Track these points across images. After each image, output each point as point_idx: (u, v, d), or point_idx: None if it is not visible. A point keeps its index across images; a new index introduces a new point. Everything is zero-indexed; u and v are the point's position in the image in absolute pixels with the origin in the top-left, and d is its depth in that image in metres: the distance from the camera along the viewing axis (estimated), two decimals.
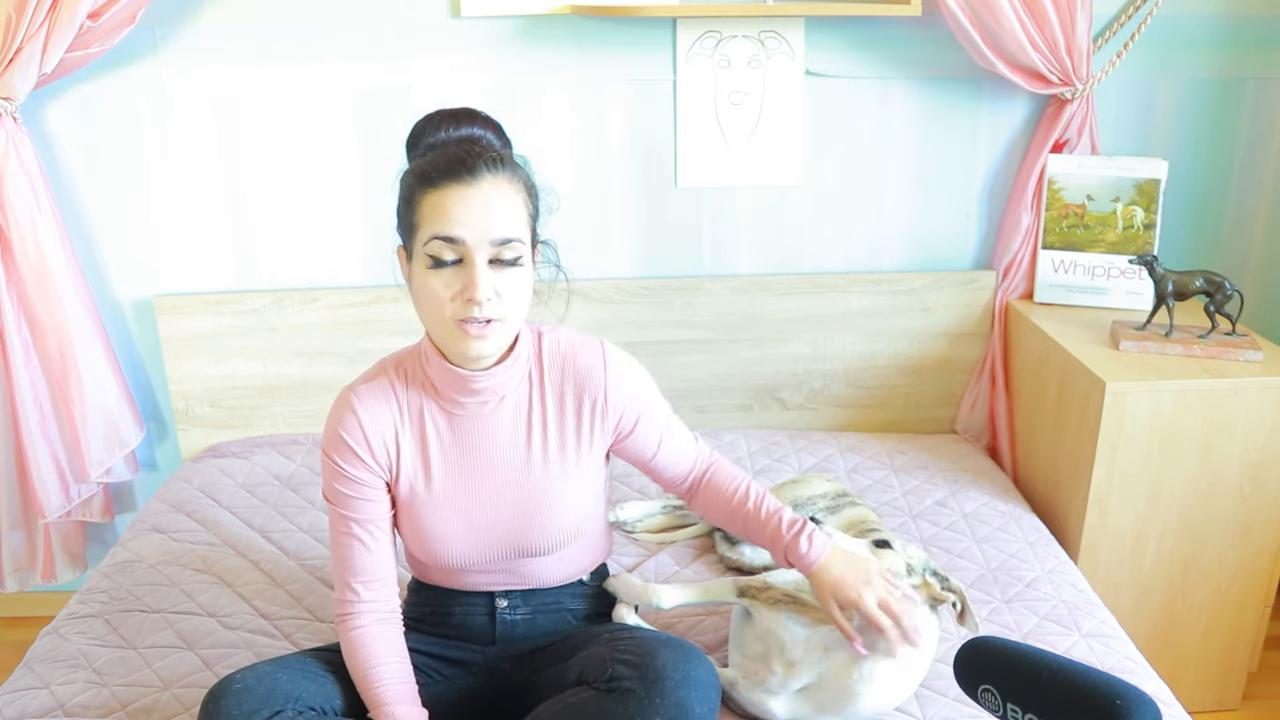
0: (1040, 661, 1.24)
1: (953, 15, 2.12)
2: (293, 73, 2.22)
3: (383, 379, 1.42)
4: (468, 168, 1.28)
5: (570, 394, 1.44)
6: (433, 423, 1.42)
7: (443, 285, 1.28)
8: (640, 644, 1.32)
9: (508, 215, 1.29)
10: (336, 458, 1.39)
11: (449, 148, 1.31)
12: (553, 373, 1.44)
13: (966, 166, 2.37)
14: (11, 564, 2.35)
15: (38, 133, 2.20)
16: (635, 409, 1.46)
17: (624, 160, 2.32)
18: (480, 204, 1.27)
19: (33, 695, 1.58)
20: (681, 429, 1.54)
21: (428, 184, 1.29)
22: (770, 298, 2.37)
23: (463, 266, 1.28)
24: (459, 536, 1.43)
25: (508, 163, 1.32)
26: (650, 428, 1.49)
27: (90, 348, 2.22)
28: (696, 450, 1.55)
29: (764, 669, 1.49)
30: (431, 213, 1.28)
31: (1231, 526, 2.04)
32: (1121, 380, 1.93)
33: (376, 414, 1.40)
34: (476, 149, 1.30)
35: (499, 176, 1.30)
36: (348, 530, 1.40)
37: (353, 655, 1.38)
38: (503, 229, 1.28)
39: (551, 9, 2.18)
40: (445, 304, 1.29)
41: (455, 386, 1.38)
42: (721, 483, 1.53)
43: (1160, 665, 2.12)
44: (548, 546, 1.45)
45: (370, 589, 1.41)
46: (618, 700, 1.26)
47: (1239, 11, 2.27)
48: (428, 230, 1.28)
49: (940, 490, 2.18)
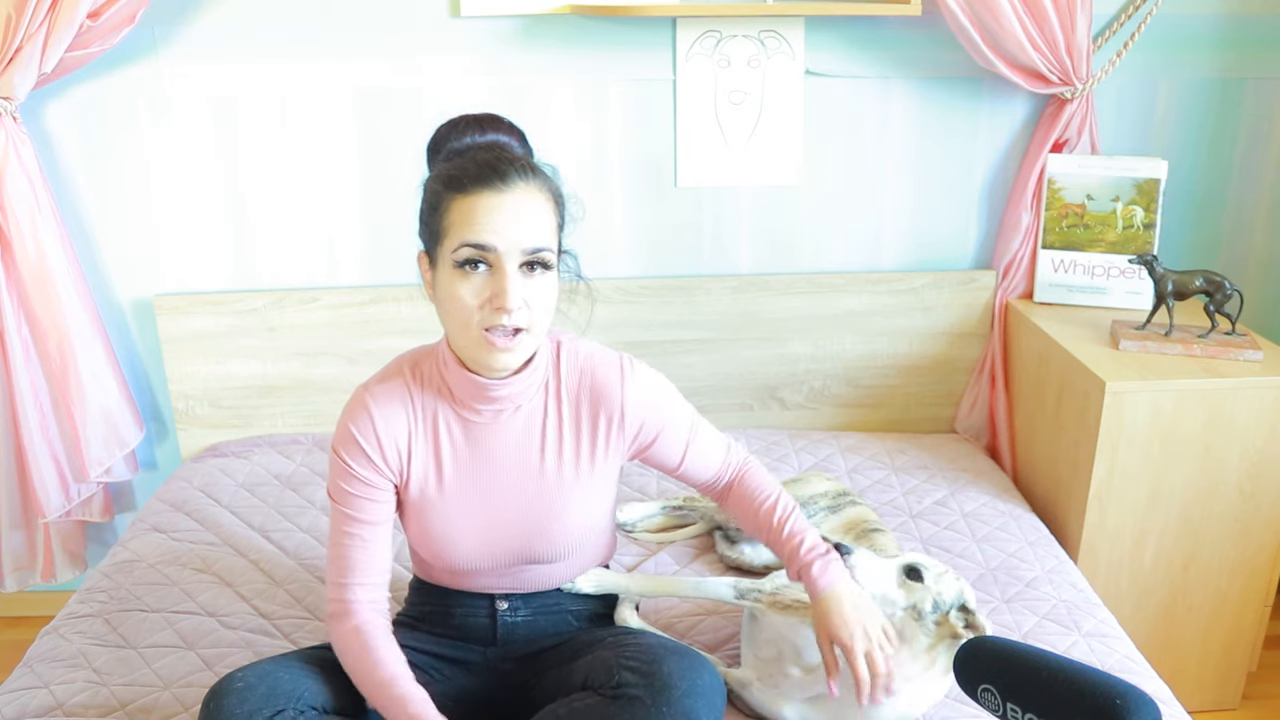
0: (1040, 661, 1.24)
1: (953, 15, 2.12)
2: (292, 72, 2.22)
3: (398, 380, 1.41)
4: (500, 174, 1.27)
5: (586, 405, 1.43)
6: (446, 427, 1.41)
7: (472, 293, 1.27)
8: (647, 651, 1.31)
9: (539, 224, 1.28)
10: (346, 457, 1.39)
11: (478, 154, 1.30)
12: (570, 383, 1.43)
13: (966, 166, 2.37)
14: (11, 564, 2.35)
15: (38, 133, 2.20)
16: (655, 423, 1.45)
17: (624, 160, 2.32)
18: (512, 212, 1.26)
19: (33, 695, 1.57)
20: (709, 434, 1.52)
21: (458, 189, 1.27)
22: (770, 297, 2.37)
23: (493, 274, 1.27)
24: (467, 540, 1.43)
25: (538, 171, 1.31)
26: (673, 440, 1.48)
27: (90, 348, 2.22)
28: (727, 455, 1.53)
29: (779, 672, 1.48)
30: (462, 219, 1.26)
31: (1231, 526, 2.04)
32: (1121, 380, 1.93)
33: (391, 416, 1.39)
34: (508, 155, 1.29)
35: (530, 185, 1.28)
36: (349, 529, 1.40)
37: (352, 651, 1.37)
38: (534, 238, 1.27)
39: (551, 9, 2.18)
40: (473, 311, 1.27)
41: (473, 394, 1.38)
42: (750, 493, 1.51)
43: (1160, 665, 2.12)
44: (555, 554, 1.45)
45: (367, 588, 1.40)
46: (624, 707, 1.26)
47: (1239, 11, 2.27)
48: (457, 237, 1.26)
49: (940, 490, 2.18)
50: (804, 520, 1.47)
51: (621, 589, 1.57)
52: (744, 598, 1.56)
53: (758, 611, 1.54)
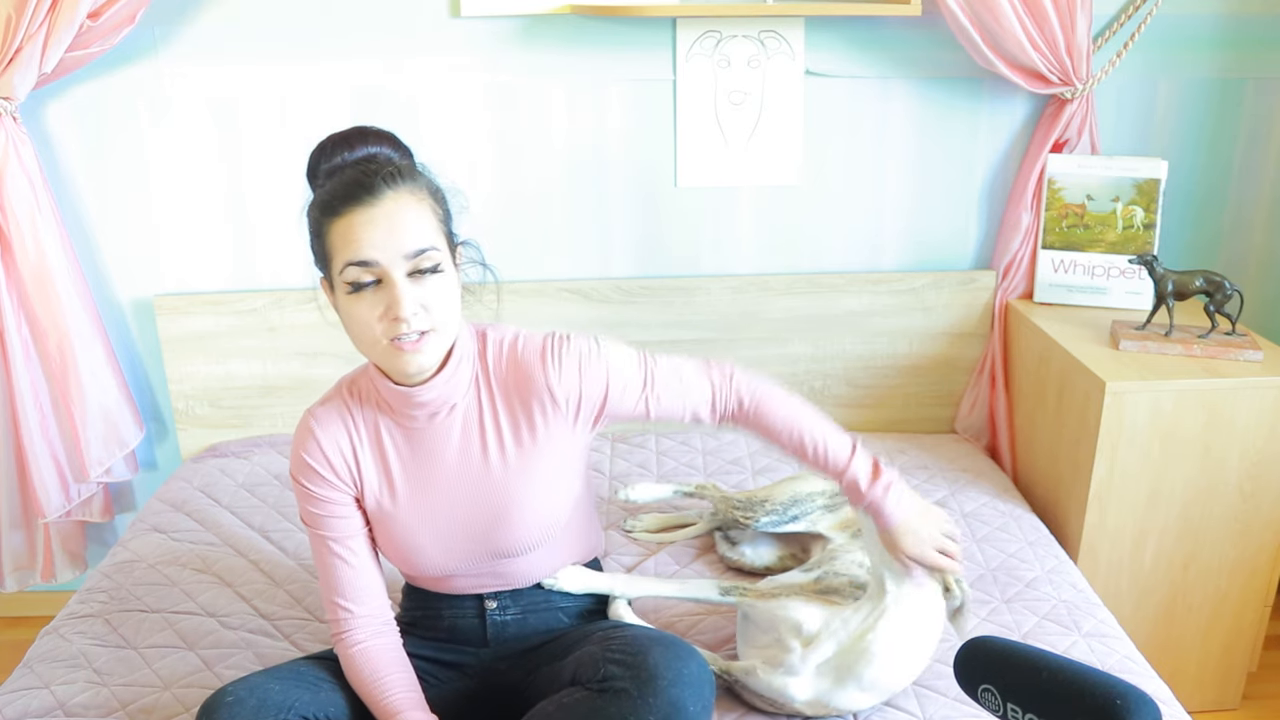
0: (1040, 661, 1.24)
1: (953, 15, 2.12)
2: (292, 72, 2.22)
3: (337, 400, 1.44)
4: (366, 188, 1.27)
5: (516, 393, 1.42)
6: (390, 438, 1.42)
7: (367, 309, 1.28)
8: (632, 643, 1.31)
9: (416, 226, 1.28)
10: (304, 480, 1.41)
11: (345, 172, 1.30)
12: (498, 373, 1.43)
13: (966, 166, 2.37)
14: (11, 564, 2.35)
15: (38, 133, 2.20)
16: (595, 392, 1.42)
17: (624, 160, 2.32)
18: (385, 222, 1.26)
19: (33, 695, 1.58)
20: (676, 372, 1.46)
21: (331, 213, 1.28)
22: (770, 298, 2.37)
23: (382, 287, 1.27)
24: (430, 546, 1.43)
25: (406, 174, 1.30)
26: (625, 397, 1.43)
27: (90, 348, 2.22)
28: (711, 379, 1.46)
29: (780, 651, 1.49)
30: (341, 240, 1.27)
31: (1231, 526, 2.04)
32: (1121, 380, 1.93)
33: (334, 435, 1.41)
34: (372, 167, 1.29)
35: (400, 190, 1.28)
36: (328, 550, 1.42)
37: (356, 672, 1.39)
38: (414, 241, 1.27)
39: (551, 9, 2.18)
40: (374, 325, 1.28)
41: (402, 402, 1.39)
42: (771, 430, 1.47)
43: (1160, 665, 2.12)
44: (523, 546, 1.45)
45: (361, 604, 1.41)
46: (611, 700, 1.26)
47: (1239, 11, 2.27)
48: (341, 258, 1.27)
49: (940, 490, 2.18)
50: (835, 438, 1.46)
51: (605, 588, 1.57)
52: (728, 595, 1.57)
53: (746, 607, 1.55)
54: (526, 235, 2.37)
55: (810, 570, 1.67)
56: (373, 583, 1.43)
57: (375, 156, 1.33)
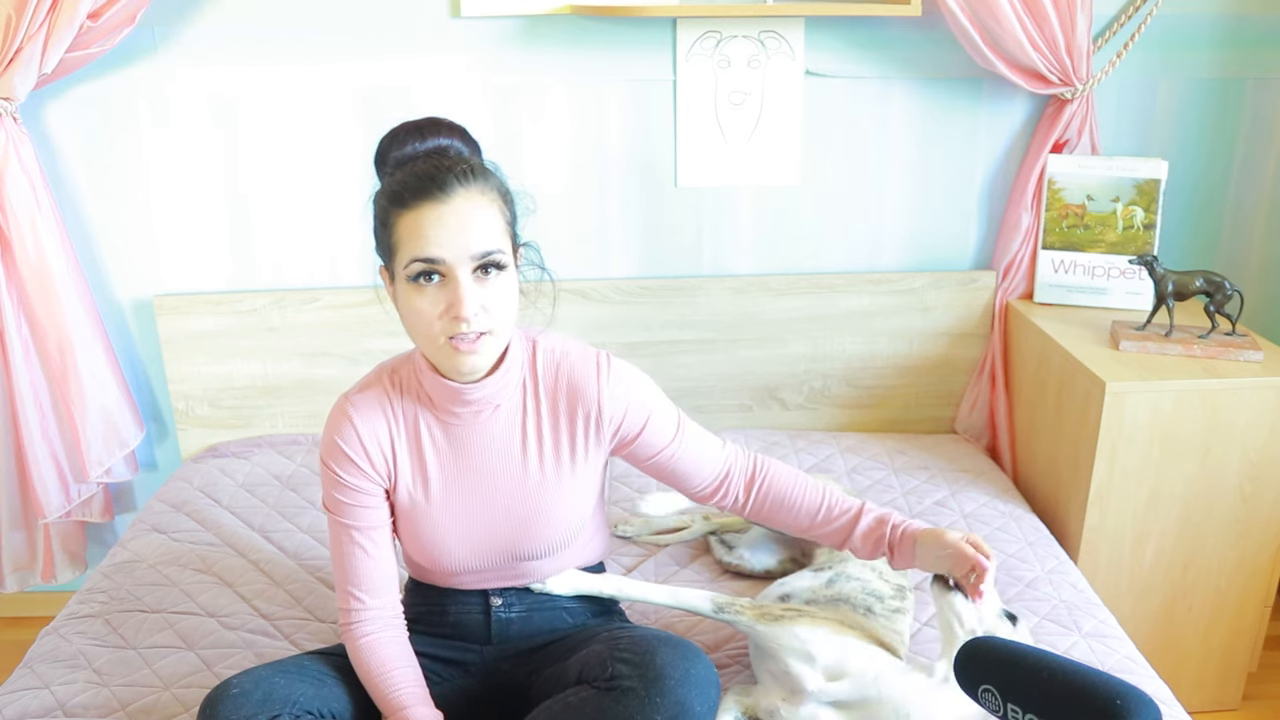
0: (1040, 661, 1.24)
1: (953, 15, 2.12)
2: (292, 72, 2.22)
3: (378, 388, 1.42)
4: (439, 184, 1.26)
5: (564, 403, 1.42)
6: (428, 432, 1.42)
7: (429, 304, 1.28)
8: (640, 643, 1.32)
9: (485, 227, 1.28)
10: (335, 467, 1.40)
11: (417, 164, 1.30)
12: (547, 381, 1.43)
13: (966, 166, 2.37)
14: (11, 564, 2.35)
15: (38, 133, 2.20)
16: (636, 418, 1.44)
17: (624, 160, 2.32)
18: (456, 220, 1.26)
19: (33, 695, 1.58)
20: (700, 434, 1.49)
21: (400, 205, 1.28)
22: (770, 298, 2.37)
23: (446, 284, 1.27)
24: (457, 543, 1.43)
25: (479, 172, 1.30)
26: (657, 434, 1.45)
27: (90, 348, 2.22)
28: (725, 457, 1.50)
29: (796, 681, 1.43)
30: (409, 235, 1.27)
31: (1231, 526, 2.04)
32: (1121, 380, 1.93)
33: (373, 423, 1.40)
34: (446, 163, 1.29)
35: (471, 189, 1.28)
36: (349, 539, 1.41)
37: (362, 662, 1.39)
38: (482, 242, 1.27)
39: (551, 9, 2.18)
40: (433, 322, 1.28)
41: (448, 398, 1.38)
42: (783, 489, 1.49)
43: (1160, 665, 2.12)
44: (544, 550, 1.46)
45: (374, 595, 1.41)
46: (618, 699, 1.26)
47: (1239, 11, 2.27)
48: (407, 252, 1.27)
49: (940, 490, 2.18)
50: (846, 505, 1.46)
51: (596, 591, 1.56)
52: (723, 612, 1.52)
53: (745, 627, 1.51)
54: (526, 235, 2.36)
55: (821, 571, 1.65)
56: (388, 575, 1.43)
57: (446, 150, 1.33)
